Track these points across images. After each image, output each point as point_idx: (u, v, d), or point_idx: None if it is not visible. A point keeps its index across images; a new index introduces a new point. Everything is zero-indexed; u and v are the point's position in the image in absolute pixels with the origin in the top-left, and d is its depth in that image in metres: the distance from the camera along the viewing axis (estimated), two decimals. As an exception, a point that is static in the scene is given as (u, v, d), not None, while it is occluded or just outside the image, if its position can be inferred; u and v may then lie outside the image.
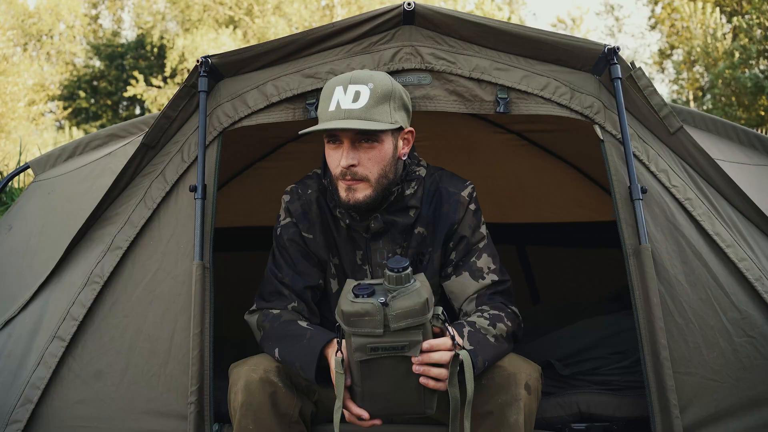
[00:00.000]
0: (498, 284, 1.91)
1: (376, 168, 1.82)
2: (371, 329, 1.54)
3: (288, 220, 1.99)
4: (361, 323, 1.54)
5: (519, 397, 1.69)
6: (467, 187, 1.98)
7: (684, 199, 1.99)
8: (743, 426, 1.87)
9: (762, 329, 1.91)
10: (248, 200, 3.50)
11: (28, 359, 2.05)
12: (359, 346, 1.56)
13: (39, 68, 21.22)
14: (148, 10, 22.56)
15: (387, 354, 1.56)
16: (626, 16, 42.26)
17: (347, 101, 1.77)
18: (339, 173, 1.81)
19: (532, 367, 1.79)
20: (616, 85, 1.97)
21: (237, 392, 1.74)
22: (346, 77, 1.82)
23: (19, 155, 6.73)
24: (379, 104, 1.78)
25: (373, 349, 1.55)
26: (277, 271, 1.95)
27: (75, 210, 2.26)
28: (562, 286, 3.76)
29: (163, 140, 2.12)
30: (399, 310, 1.53)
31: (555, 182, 3.68)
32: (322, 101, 1.84)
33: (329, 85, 1.85)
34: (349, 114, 1.76)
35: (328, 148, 1.84)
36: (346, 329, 1.57)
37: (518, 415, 1.68)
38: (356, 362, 1.58)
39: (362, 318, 1.54)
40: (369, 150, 1.81)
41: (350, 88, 1.79)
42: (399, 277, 1.55)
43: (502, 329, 1.80)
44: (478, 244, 1.95)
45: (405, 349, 1.56)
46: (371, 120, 1.76)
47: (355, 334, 1.56)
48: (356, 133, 1.78)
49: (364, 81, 1.80)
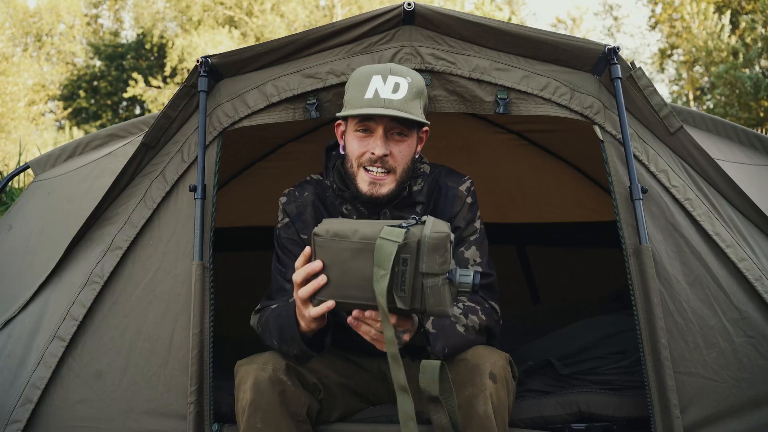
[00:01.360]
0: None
1: (404, 161, 1.85)
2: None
3: (286, 220, 2.00)
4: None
5: (485, 388, 1.68)
6: (465, 181, 2.00)
7: (684, 199, 1.99)
8: (743, 426, 1.87)
9: (762, 329, 1.91)
10: (248, 200, 3.50)
11: (28, 359, 2.05)
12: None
13: (39, 68, 21.23)
14: (148, 10, 22.57)
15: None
16: (625, 16, 42.26)
17: (387, 91, 1.79)
18: (367, 160, 1.82)
19: (497, 355, 1.77)
20: (616, 85, 1.97)
21: (245, 390, 1.73)
22: (384, 68, 1.84)
23: (19, 155, 6.73)
24: (414, 99, 1.81)
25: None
26: (281, 267, 1.96)
27: (75, 210, 2.26)
28: (562, 286, 3.77)
29: (163, 140, 2.12)
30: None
31: (555, 182, 3.68)
32: (354, 87, 1.84)
33: (364, 72, 1.85)
34: (389, 104, 1.78)
35: (356, 135, 1.85)
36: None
37: (486, 406, 1.67)
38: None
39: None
40: (400, 142, 1.84)
41: (390, 78, 1.81)
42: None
43: (474, 321, 1.79)
44: (469, 236, 1.95)
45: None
46: (408, 113, 1.79)
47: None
48: (392, 124, 1.80)
49: (403, 74, 1.83)
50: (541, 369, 2.30)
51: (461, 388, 1.70)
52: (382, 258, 1.43)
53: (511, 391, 1.77)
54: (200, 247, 1.96)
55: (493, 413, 1.67)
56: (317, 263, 1.50)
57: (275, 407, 1.72)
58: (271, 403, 1.71)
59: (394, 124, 1.81)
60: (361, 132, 1.84)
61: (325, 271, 1.51)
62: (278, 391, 1.72)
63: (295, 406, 1.75)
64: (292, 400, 1.75)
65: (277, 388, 1.72)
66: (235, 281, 2.98)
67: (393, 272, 1.43)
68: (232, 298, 2.65)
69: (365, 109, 1.78)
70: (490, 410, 1.67)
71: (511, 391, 1.77)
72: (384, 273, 1.42)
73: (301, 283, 1.53)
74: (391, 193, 1.85)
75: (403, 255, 1.43)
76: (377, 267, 1.43)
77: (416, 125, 1.86)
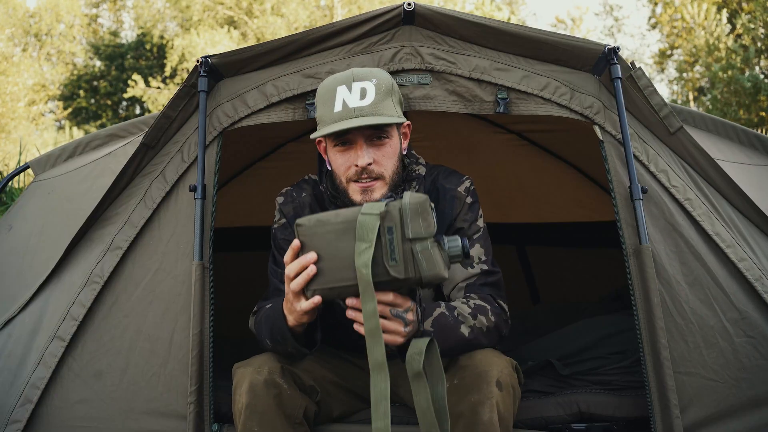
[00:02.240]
0: (487, 274, 1.89)
1: (390, 164, 1.82)
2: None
3: (283, 221, 1.99)
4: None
5: (491, 395, 1.66)
6: (464, 181, 1.97)
7: (684, 200, 1.99)
8: (743, 426, 1.87)
9: (762, 329, 1.91)
10: (248, 200, 3.50)
11: (28, 359, 2.05)
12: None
13: (39, 68, 21.22)
14: (148, 10, 22.57)
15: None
16: (626, 17, 42.29)
17: (354, 99, 1.75)
18: (353, 174, 1.79)
19: (504, 362, 1.75)
20: (616, 85, 1.97)
21: (241, 394, 1.73)
22: (347, 75, 1.80)
23: (19, 155, 6.75)
24: (384, 99, 1.77)
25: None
26: (276, 268, 1.95)
27: (75, 210, 2.26)
28: (562, 286, 3.77)
29: (163, 140, 2.13)
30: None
31: (555, 182, 3.68)
32: (321, 103, 1.81)
33: (327, 86, 1.81)
34: (360, 111, 1.74)
35: (335, 151, 1.81)
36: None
37: (492, 414, 1.65)
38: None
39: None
40: (381, 147, 1.80)
41: (355, 85, 1.76)
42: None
43: (482, 322, 1.76)
44: (473, 235, 1.94)
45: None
46: (381, 115, 1.75)
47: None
48: (369, 131, 1.77)
49: (367, 77, 1.78)
50: (541, 369, 2.30)
51: (466, 394, 1.69)
52: (364, 232, 1.42)
53: (517, 398, 1.77)
54: (200, 247, 1.96)
55: (498, 421, 1.66)
56: (311, 255, 1.49)
57: (271, 410, 1.71)
58: (267, 406, 1.71)
59: (372, 130, 1.77)
60: (340, 146, 1.80)
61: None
62: (274, 394, 1.72)
63: (291, 409, 1.75)
64: (288, 403, 1.75)
65: (273, 391, 1.72)
66: (235, 281, 2.98)
67: (380, 243, 1.43)
68: (232, 298, 2.66)
69: (337, 124, 1.73)
70: (496, 418, 1.66)
71: (517, 398, 1.77)
72: (367, 246, 1.41)
73: (293, 277, 1.52)
74: (384, 197, 1.82)
75: (387, 224, 1.45)
76: (359, 242, 1.42)
77: (394, 124, 1.83)
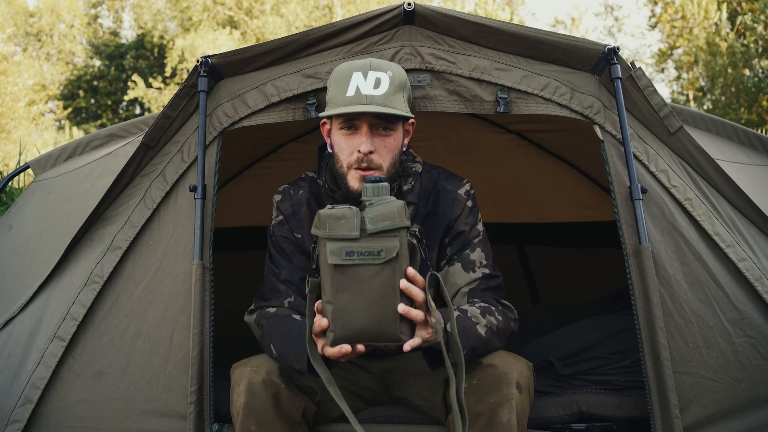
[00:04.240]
0: (489, 278, 1.90)
1: (390, 156, 1.83)
2: (347, 232, 1.47)
3: (280, 218, 1.99)
4: (337, 226, 1.48)
5: (511, 397, 1.68)
6: (464, 185, 1.98)
7: (684, 200, 1.99)
8: (743, 426, 1.87)
9: (762, 329, 1.91)
10: (248, 200, 3.50)
11: (28, 359, 2.05)
12: (334, 250, 1.48)
13: (39, 68, 21.22)
14: (148, 10, 22.56)
15: (362, 261, 1.48)
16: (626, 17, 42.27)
17: (368, 87, 1.77)
18: (355, 160, 1.81)
19: (523, 364, 1.78)
20: (616, 85, 1.97)
21: (239, 393, 1.74)
22: (364, 63, 1.82)
23: (19, 155, 6.74)
24: (396, 93, 1.80)
25: (348, 254, 1.47)
26: (274, 266, 1.95)
27: (75, 210, 2.26)
28: (562, 286, 3.77)
29: (163, 140, 2.12)
30: (376, 213, 1.48)
31: (555, 182, 3.68)
32: (335, 85, 1.83)
33: (343, 69, 1.84)
34: (371, 100, 1.76)
35: (341, 134, 1.83)
36: (321, 234, 1.50)
37: (511, 415, 1.67)
38: (330, 270, 1.49)
39: (338, 221, 1.48)
40: (385, 138, 1.82)
41: (370, 74, 1.79)
42: (376, 188, 1.51)
43: (491, 322, 1.78)
44: (473, 239, 1.94)
45: (381, 254, 1.48)
46: (392, 107, 1.77)
47: (330, 239, 1.49)
48: (376, 120, 1.79)
49: (384, 69, 1.81)
50: (541, 369, 2.30)
51: (486, 394, 1.70)
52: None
53: (531, 401, 1.78)
54: (200, 247, 1.96)
55: (516, 423, 1.68)
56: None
57: (269, 410, 1.72)
58: (265, 405, 1.72)
59: (378, 119, 1.80)
60: (345, 129, 1.83)
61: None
62: (272, 394, 1.73)
63: (289, 409, 1.76)
64: (286, 403, 1.75)
65: (271, 391, 1.73)
66: (235, 281, 2.98)
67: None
68: (232, 298, 2.65)
69: (348, 107, 1.77)
70: (514, 420, 1.68)
71: (531, 401, 1.78)
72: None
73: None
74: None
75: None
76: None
77: (401, 119, 1.85)
